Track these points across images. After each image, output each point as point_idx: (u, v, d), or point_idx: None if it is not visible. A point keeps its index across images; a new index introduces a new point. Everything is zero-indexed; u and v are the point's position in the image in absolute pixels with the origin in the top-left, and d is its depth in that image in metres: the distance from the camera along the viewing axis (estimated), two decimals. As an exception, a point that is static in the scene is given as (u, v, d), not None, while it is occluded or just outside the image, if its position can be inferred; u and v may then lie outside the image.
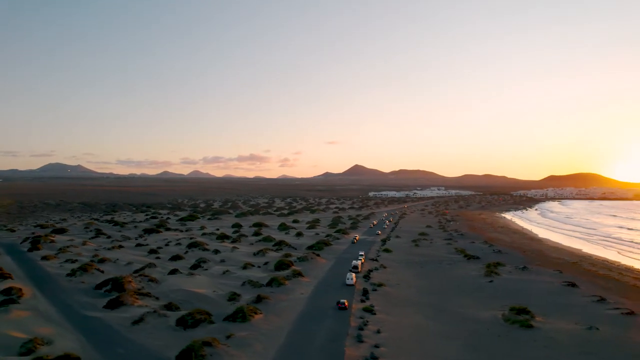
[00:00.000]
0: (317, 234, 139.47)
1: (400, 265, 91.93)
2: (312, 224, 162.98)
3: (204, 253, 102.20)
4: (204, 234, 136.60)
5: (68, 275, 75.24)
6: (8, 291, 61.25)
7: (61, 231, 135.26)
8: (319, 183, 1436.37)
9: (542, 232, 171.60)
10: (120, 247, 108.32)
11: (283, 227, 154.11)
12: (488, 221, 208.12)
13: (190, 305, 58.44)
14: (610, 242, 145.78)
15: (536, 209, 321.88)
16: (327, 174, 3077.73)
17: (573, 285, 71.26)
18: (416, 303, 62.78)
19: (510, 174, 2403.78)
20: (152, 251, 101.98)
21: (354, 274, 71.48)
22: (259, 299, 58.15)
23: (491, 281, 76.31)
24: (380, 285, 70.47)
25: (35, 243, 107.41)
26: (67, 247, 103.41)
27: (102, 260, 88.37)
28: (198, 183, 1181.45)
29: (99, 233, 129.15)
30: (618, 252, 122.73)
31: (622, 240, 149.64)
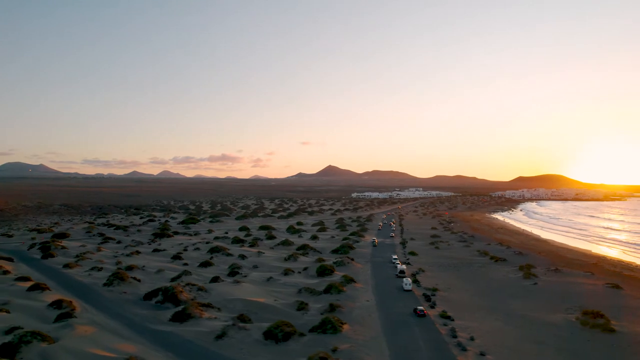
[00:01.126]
0: (332, 237, 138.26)
1: (435, 268, 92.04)
2: (322, 227, 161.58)
3: (229, 258, 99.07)
4: (216, 237, 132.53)
5: (105, 285, 70.84)
6: (58, 304, 56.94)
7: (63, 236, 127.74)
8: (293, 184, 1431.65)
9: (540, 233, 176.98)
10: (138, 252, 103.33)
11: (293, 230, 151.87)
12: (484, 222, 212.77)
13: (258, 315, 56.18)
14: (608, 242, 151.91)
15: (521, 210, 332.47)
16: (300, 175, 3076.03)
17: (617, 287, 73.28)
18: (480, 307, 62.69)
19: (480, 175, 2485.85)
20: (175, 257, 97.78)
21: (410, 279, 70.79)
22: (332, 308, 56.49)
23: (535, 284, 77.42)
24: (435, 290, 70.23)
25: (45, 249, 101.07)
26: (83, 253, 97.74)
27: (129, 268, 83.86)
28: (173, 183, 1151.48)
29: (107, 238, 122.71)
30: (623, 252, 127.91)
31: (619, 240, 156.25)
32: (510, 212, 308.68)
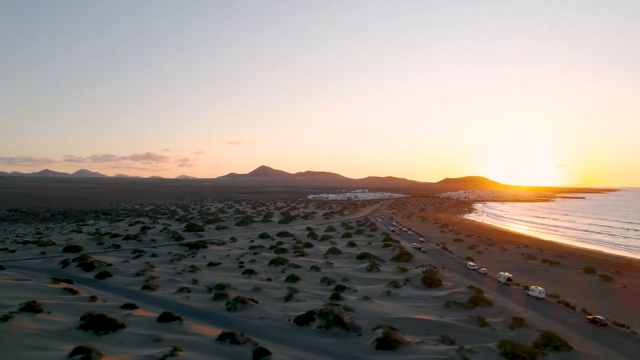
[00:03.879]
0: (368, 243, 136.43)
1: (512, 274, 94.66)
2: (346, 233, 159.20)
3: (302, 271, 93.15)
4: (251, 247, 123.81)
5: (229, 310, 62.63)
6: (231, 337, 48.54)
7: (76, 249, 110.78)
8: (229, 184, 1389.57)
9: (533, 234, 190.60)
10: (197, 267, 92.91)
11: (320, 238, 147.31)
12: (472, 224, 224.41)
13: (446, 336, 53.35)
14: (599, 242, 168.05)
15: (483, 212, 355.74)
16: (232, 175, 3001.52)
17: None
18: (622, 314, 65.58)
19: (409, 177, 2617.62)
20: (247, 272, 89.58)
21: (541, 288, 71.94)
22: (519, 322, 55.56)
23: (624, 286, 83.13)
24: (556, 296, 72.31)
25: (89, 267, 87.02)
26: (142, 271, 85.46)
27: (219, 287, 75.17)
28: (103, 184, 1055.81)
29: (138, 251, 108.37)
30: (626, 251, 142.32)
31: (605, 241, 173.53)
32: (476, 213, 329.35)
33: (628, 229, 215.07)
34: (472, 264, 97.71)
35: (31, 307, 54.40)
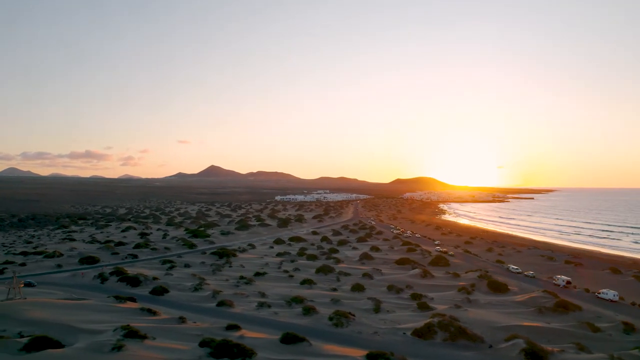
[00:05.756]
0: (391, 247, 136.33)
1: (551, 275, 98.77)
2: (361, 237, 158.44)
3: (356, 279, 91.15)
4: (278, 254, 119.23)
5: (335, 325, 59.31)
6: (382, 357, 46.10)
7: (91, 260, 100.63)
8: (178, 184, 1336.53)
9: (521, 234, 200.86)
10: (250, 279, 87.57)
11: (339, 242, 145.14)
12: (456, 225, 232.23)
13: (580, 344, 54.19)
14: (585, 242, 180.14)
15: (455, 212, 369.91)
16: (180, 175, 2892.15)
17: None
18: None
19: (360, 177, 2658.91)
20: (306, 282, 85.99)
21: (613, 290, 75.30)
22: (631, 327, 57.70)
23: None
24: (622, 299, 76.32)
25: (135, 282, 79.34)
26: (199, 285, 78.91)
27: (297, 300, 71.40)
28: (43, 184, 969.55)
29: (168, 262, 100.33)
30: (619, 251, 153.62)
31: (590, 241, 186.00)
32: (451, 214, 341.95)
33: (601, 230, 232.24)
34: (514, 267, 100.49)
35: (133, 333, 48.25)
